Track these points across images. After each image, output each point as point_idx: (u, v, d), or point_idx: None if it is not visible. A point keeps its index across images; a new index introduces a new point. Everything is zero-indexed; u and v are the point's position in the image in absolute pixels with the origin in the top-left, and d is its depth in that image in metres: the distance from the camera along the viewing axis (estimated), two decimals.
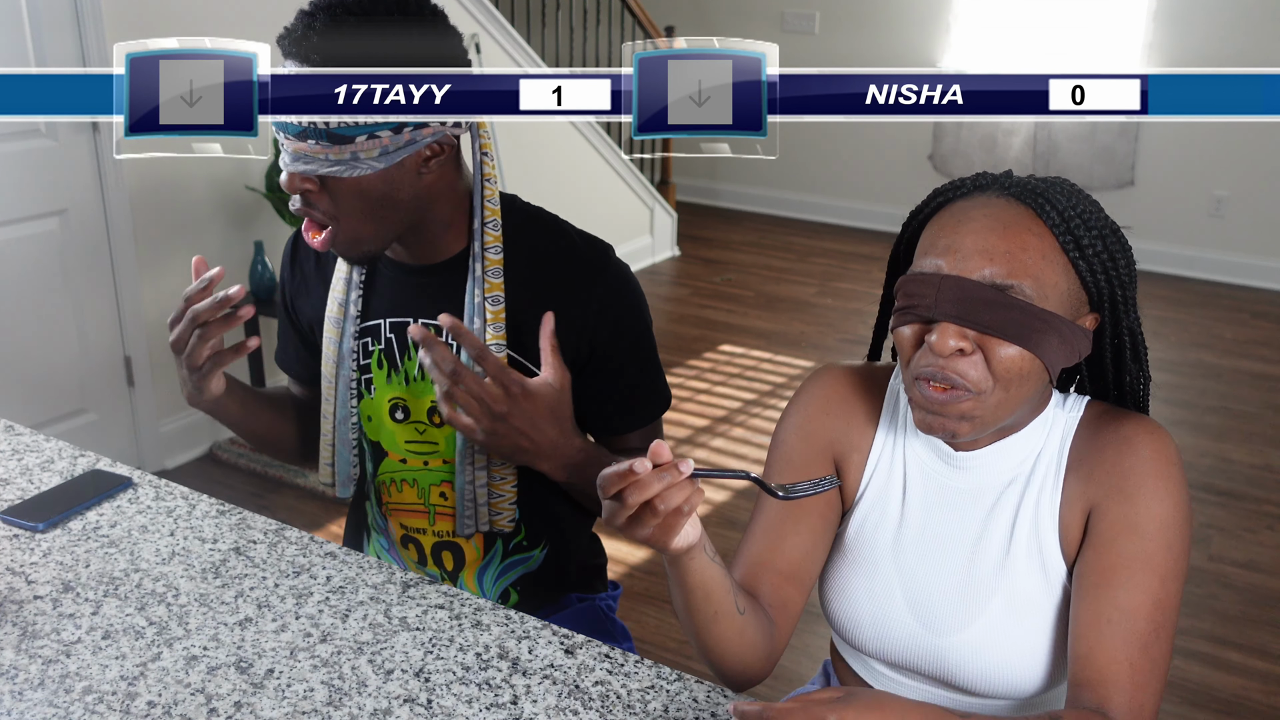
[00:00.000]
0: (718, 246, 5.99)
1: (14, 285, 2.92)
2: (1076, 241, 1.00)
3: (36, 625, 1.18)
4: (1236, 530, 3.13)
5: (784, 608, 1.13)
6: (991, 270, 0.98)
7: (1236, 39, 5.24)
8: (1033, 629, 1.07)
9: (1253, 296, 5.31)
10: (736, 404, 3.92)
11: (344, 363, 1.37)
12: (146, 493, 1.45)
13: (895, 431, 1.15)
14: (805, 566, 1.14)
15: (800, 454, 1.17)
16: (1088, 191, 1.04)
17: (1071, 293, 1.01)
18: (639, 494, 0.90)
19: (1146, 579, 1.01)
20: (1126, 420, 1.06)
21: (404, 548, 1.44)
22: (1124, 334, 1.06)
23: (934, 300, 0.99)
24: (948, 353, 0.98)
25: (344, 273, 1.37)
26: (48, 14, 2.85)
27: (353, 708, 1.07)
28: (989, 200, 1.02)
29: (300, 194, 1.23)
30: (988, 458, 1.09)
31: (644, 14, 5.27)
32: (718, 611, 1.04)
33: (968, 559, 1.10)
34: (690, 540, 0.97)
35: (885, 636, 1.13)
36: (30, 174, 2.89)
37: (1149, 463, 1.03)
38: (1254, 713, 2.37)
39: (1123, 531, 1.02)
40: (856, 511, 1.16)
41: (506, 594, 1.45)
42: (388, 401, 1.38)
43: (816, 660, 2.43)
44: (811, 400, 1.18)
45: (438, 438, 1.37)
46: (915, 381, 1.02)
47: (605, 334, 1.33)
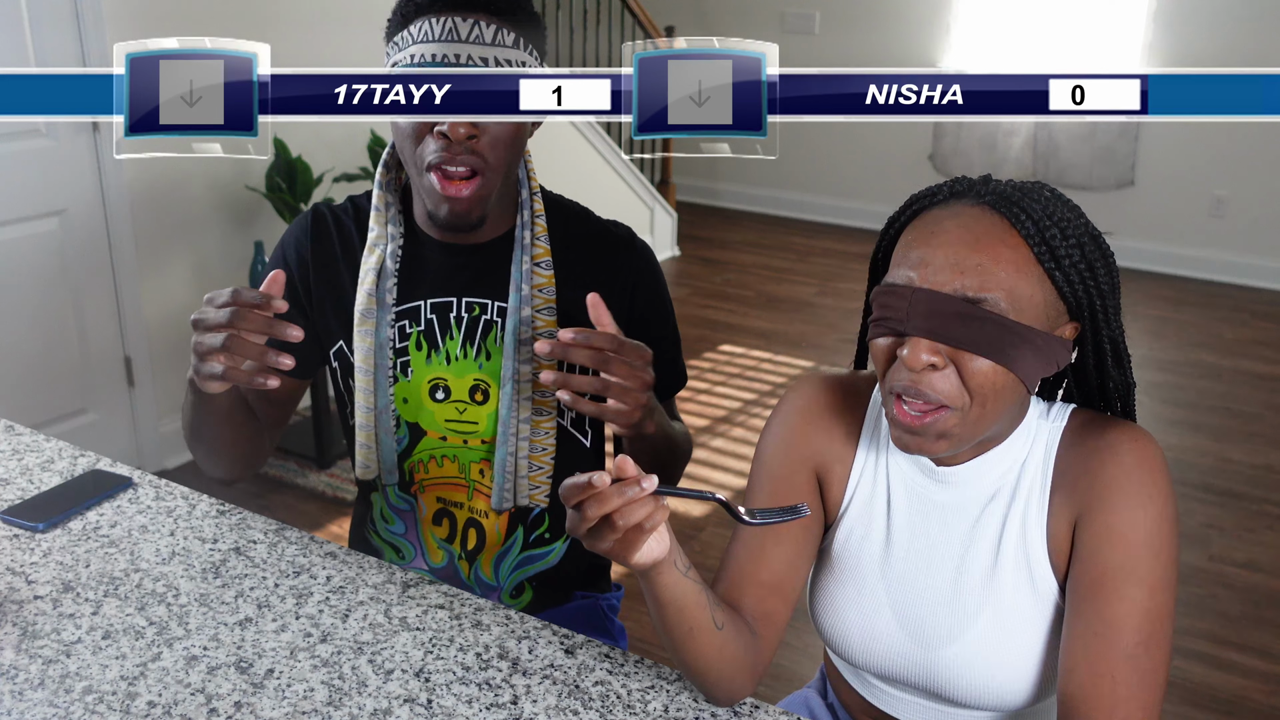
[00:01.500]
0: (718, 246, 5.99)
1: (14, 285, 2.92)
2: (1052, 252, 0.98)
3: (36, 625, 1.18)
4: (1236, 530, 3.13)
5: (768, 620, 1.11)
6: (963, 283, 0.96)
7: (1237, 39, 5.24)
8: (1022, 642, 1.06)
9: (1253, 296, 5.31)
10: (736, 404, 3.92)
11: (381, 351, 1.37)
12: (146, 493, 1.45)
13: (878, 444, 1.14)
14: (788, 578, 1.12)
15: (782, 467, 1.15)
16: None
17: (1048, 303, 0.99)
18: (598, 507, 0.89)
19: (1133, 590, 0.99)
20: (1110, 428, 1.05)
21: (436, 524, 1.44)
22: (1105, 343, 1.04)
23: (905, 314, 0.97)
24: (919, 367, 0.97)
25: (373, 264, 1.36)
26: (47, 14, 2.85)
27: (353, 708, 1.07)
28: (963, 210, 1.00)
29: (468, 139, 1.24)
30: (970, 471, 1.07)
31: (644, 14, 5.27)
32: (693, 627, 1.02)
33: (955, 572, 1.08)
34: (655, 556, 0.94)
35: (874, 650, 1.12)
36: (30, 174, 2.89)
37: (1132, 470, 1.01)
38: (1254, 713, 2.37)
39: (1106, 542, 1.00)
40: (842, 525, 1.15)
41: (521, 588, 1.45)
42: (427, 382, 1.39)
43: (815, 660, 2.43)
44: (793, 413, 1.17)
45: (478, 416, 1.38)
46: (890, 397, 1.01)
47: (639, 308, 1.39)
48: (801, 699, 1.34)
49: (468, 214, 1.29)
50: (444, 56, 1.22)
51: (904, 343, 0.98)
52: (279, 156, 3.29)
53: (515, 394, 1.35)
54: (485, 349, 1.37)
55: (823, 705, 1.31)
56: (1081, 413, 1.09)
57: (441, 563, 1.45)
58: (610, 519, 0.90)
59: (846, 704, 1.26)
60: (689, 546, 2.89)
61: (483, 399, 1.38)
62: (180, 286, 3.31)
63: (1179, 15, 5.35)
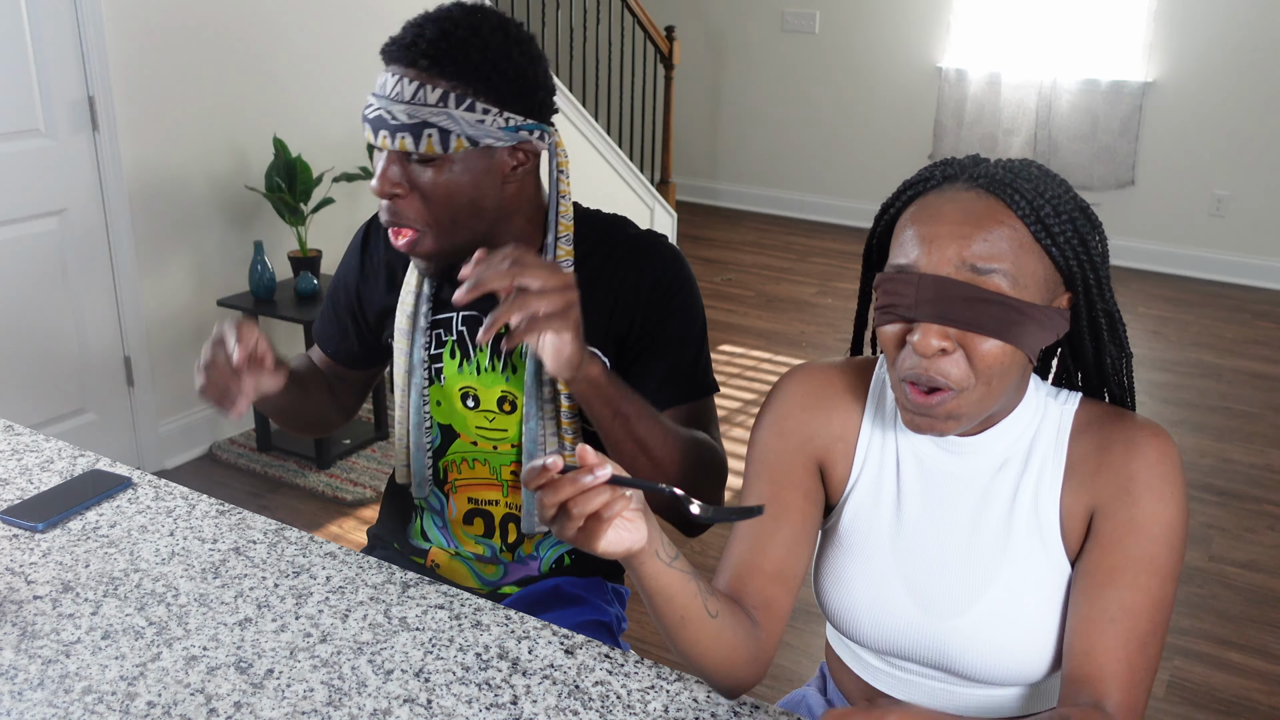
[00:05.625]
0: (718, 246, 5.99)
1: (14, 285, 2.92)
2: (1048, 229, 1.01)
3: (36, 625, 1.18)
4: (1236, 530, 3.13)
5: (770, 608, 1.12)
6: (968, 264, 0.99)
7: (1237, 39, 5.24)
8: (1033, 610, 1.08)
9: (1253, 296, 5.31)
10: (736, 404, 3.92)
11: (415, 372, 1.43)
12: (146, 493, 1.45)
13: (884, 420, 1.15)
14: (789, 565, 1.14)
15: (777, 452, 1.16)
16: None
17: (1048, 278, 1.02)
18: (552, 495, 0.90)
19: (1149, 580, 1.02)
20: (1131, 422, 1.07)
21: (467, 524, 1.48)
22: (1100, 317, 1.07)
23: (914, 300, 1.00)
24: (930, 353, 0.99)
25: (413, 285, 1.42)
26: (48, 13, 2.84)
27: (352, 708, 1.07)
28: (958, 194, 1.02)
29: (390, 198, 1.28)
30: (981, 441, 1.10)
31: (644, 14, 5.27)
32: (684, 616, 1.02)
33: (966, 540, 1.10)
34: (626, 545, 0.94)
35: (884, 624, 1.14)
36: (30, 174, 2.89)
37: (1155, 466, 1.03)
38: (1254, 713, 2.37)
39: (1128, 533, 1.03)
40: (850, 502, 1.16)
41: (561, 560, 1.49)
42: (458, 390, 1.43)
43: (815, 660, 2.43)
44: (787, 398, 1.18)
45: (507, 425, 1.41)
46: (901, 384, 1.03)
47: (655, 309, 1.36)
48: (801, 698, 1.34)
49: (423, 262, 1.34)
50: (378, 114, 1.25)
51: (914, 329, 1.00)
52: (279, 156, 3.29)
53: (539, 410, 1.37)
54: (511, 363, 1.40)
55: (822, 702, 1.31)
56: (1091, 401, 1.11)
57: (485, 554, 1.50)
58: (566, 507, 0.90)
59: (848, 693, 1.26)
60: (686, 545, 2.88)
61: (510, 409, 1.41)
62: (180, 286, 3.31)
63: (1179, 15, 5.35)
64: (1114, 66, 5.54)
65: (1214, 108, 5.37)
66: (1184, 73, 5.41)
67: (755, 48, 6.51)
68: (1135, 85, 5.49)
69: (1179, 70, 5.42)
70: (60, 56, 2.89)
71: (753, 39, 6.51)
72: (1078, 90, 5.62)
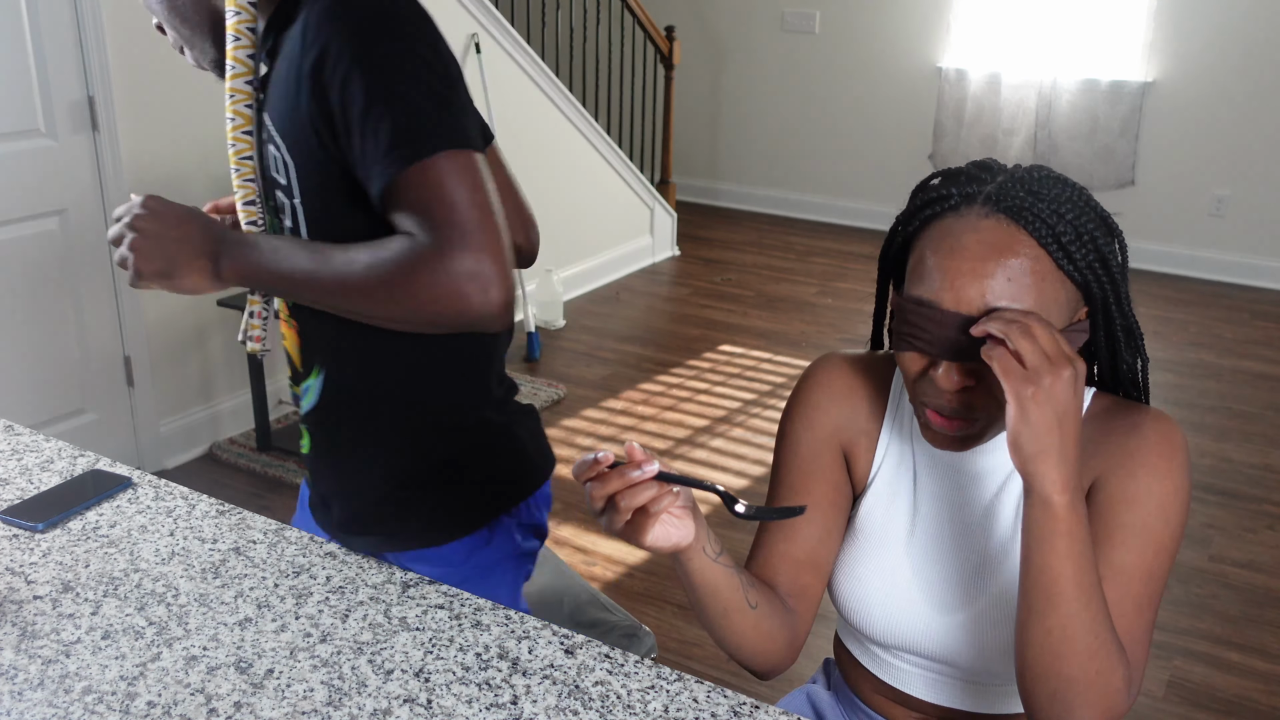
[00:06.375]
0: (718, 246, 5.99)
1: (14, 285, 2.92)
2: (1068, 255, 0.99)
3: (36, 625, 1.18)
4: (1236, 530, 3.13)
5: (803, 595, 1.16)
6: (990, 306, 0.97)
7: (1237, 39, 5.24)
8: None
9: (1253, 296, 5.31)
10: (736, 404, 3.92)
11: None
12: (146, 493, 1.45)
13: (902, 419, 1.17)
14: (820, 553, 1.17)
15: (807, 443, 1.18)
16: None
17: (1070, 299, 1.01)
18: (600, 488, 0.93)
19: (1143, 546, 1.02)
20: (1139, 409, 1.09)
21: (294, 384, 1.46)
22: (1118, 332, 1.07)
23: (935, 337, 0.99)
24: (954, 388, 0.99)
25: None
26: (47, 13, 2.84)
27: (352, 708, 1.07)
28: (979, 223, 0.99)
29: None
30: (998, 441, 1.11)
31: (644, 14, 5.27)
32: (726, 608, 1.07)
33: (979, 537, 1.12)
34: (674, 541, 0.97)
35: (895, 618, 1.15)
36: (30, 174, 2.89)
37: (1154, 444, 1.05)
38: (1254, 713, 2.37)
39: (1122, 502, 1.04)
40: (868, 496, 1.18)
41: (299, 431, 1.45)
42: None
43: (816, 660, 2.43)
44: (815, 388, 1.20)
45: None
46: (919, 403, 1.04)
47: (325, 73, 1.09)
48: (802, 695, 1.35)
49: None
50: None
51: (937, 364, 1.00)
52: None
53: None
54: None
55: (828, 695, 1.32)
56: (1105, 396, 1.12)
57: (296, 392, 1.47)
58: (614, 501, 0.93)
59: (856, 687, 1.27)
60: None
61: None
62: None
63: (1179, 15, 5.35)
64: (1114, 66, 5.54)
65: (1214, 108, 5.37)
66: (1184, 73, 5.41)
67: (755, 48, 6.51)
68: (1135, 85, 5.49)
69: (1179, 70, 5.42)
70: (60, 56, 2.89)
71: (753, 39, 6.51)
72: (1078, 90, 5.62)
